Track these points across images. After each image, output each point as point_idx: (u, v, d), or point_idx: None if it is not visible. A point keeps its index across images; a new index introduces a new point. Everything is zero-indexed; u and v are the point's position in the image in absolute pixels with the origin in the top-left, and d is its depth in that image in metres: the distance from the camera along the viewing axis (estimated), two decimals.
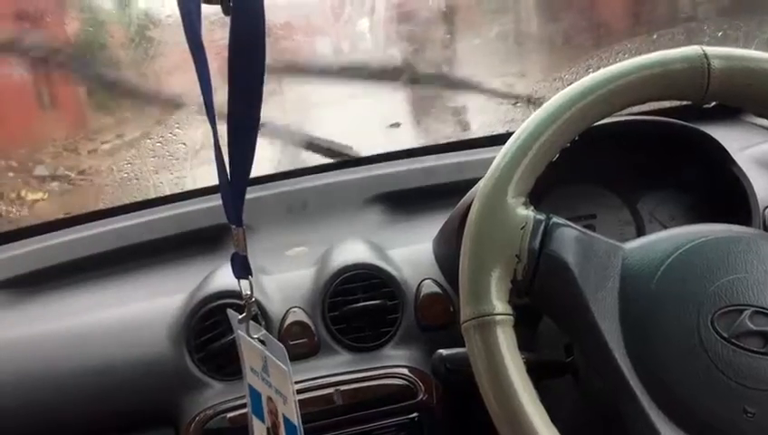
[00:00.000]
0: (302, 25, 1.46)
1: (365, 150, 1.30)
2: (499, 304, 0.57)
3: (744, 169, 0.88)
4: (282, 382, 0.69)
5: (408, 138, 1.47)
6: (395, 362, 0.90)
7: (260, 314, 0.74)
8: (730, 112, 1.25)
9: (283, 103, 1.39)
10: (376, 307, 0.92)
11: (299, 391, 0.85)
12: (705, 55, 0.60)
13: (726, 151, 0.88)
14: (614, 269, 0.60)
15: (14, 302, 1.08)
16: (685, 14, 1.62)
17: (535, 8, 1.68)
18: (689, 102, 0.63)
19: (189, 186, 1.29)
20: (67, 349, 0.94)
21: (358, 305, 0.92)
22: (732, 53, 0.61)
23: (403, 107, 1.54)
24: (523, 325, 0.60)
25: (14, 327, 1.00)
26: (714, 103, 0.63)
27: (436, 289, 0.94)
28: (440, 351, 0.74)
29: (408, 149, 1.29)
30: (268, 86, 0.61)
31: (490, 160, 0.62)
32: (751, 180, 0.87)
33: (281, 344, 0.69)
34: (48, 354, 0.94)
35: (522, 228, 0.59)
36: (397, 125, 1.46)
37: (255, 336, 0.72)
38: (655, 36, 1.41)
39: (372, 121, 1.48)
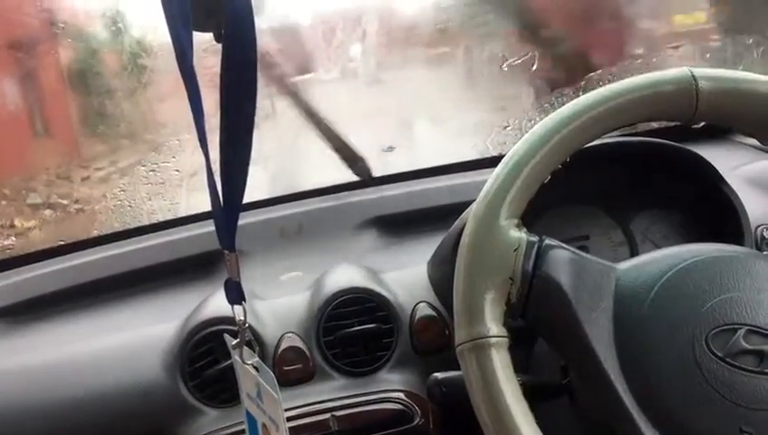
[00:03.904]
0: (293, 51, 1.47)
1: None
2: (494, 327, 0.57)
3: (735, 188, 0.88)
4: (273, 410, 0.69)
5: (402, 161, 1.48)
6: (391, 387, 0.90)
7: (254, 340, 0.73)
8: (720, 132, 1.26)
9: (276, 127, 1.40)
10: (371, 331, 0.91)
11: (294, 417, 0.85)
12: (694, 77, 0.61)
13: (717, 171, 0.89)
14: (608, 290, 0.60)
15: (6, 331, 1.07)
16: (673, 37, 1.64)
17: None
18: (679, 123, 0.64)
19: (183, 212, 1.28)
20: (59, 378, 0.93)
21: (352, 330, 0.91)
22: (719, 74, 0.62)
23: (397, 130, 1.54)
24: (518, 347, 0.60)
25: (6, 357, 0.99)
26: (703, 124, 0.64)
27: (431, 312, 0.93)
28: (436, 374, 0.74)
29: (402, 173, 1.29)
30: (261, 111, 0.61)
31: (482, 183, 0.62)
32: (742, 200, 0.87)
33: (270, 372, 0.69)
34: (40, 384, 0.93)
35: (515, 250, 0.59)
36: (391, 149, 1.46)
37: (249, 362, 0.71)
38: (644, 59, 1.42)
39: (366, 145, 1.48)
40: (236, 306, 0.70)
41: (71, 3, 1.36)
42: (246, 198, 0.64)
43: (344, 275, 0.98)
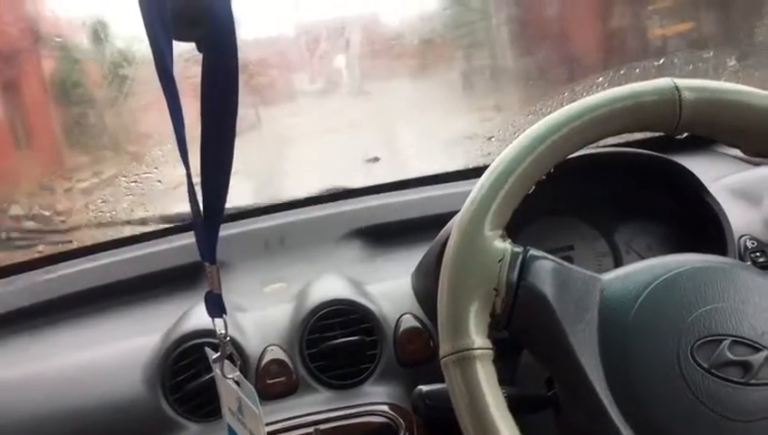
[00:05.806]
0: (276, 61, 1.47)
1: (343, 185, 1.30)
2: (478, 339, 0.57)
3: (718, 198, 0.89)
4: (255, 425, 0.68)
5: (386, 172, 1.47)
6: (375, 399, 0.89)
7: (236, 354, 0.72)
8: (703, 143, 1.26)
9: (260, 138, 1.39)
10: (355, 343, 0.91)
11: (278, 431, 0.84)
12: (677, 87, 0.61)
13: (700, 182, 0.89)
14: (592, 301, 0.59)
15: None
16: (656, 48, 1.65)
17: (510, 43, 1.70)
18: (662, 134, 0.64)
19: (165, 224, 1.27)
20: (39, 392, 0.92)
21: (336, 342, 0.91)
22: (703, 84, 0.62)
23: (382, 141, 1.54)
24: (503, 359, 0.59)
25: None
26: (686, 134, 0.64)
27: (416, 324, 0.93)
28: (420, 387, 0.73)
29: (386, 184, 1.29)
30: (244, 121, 0.61)
31: (467, 194, 0.62)
32: (725, 210, 0.88)
33: (251, 387, 0.68)
34: (20, 398, 0.92)
35: (499, 261, 0.58)
36: (375, 159, 1.46)
37: (230, 377, 0.70)
38: (627, 70, 1.43)
39: (350, 156, 1.48)
40: (217, 319, 0.70)
41: (52, 12, 1.35)
42: (230, 209, 0.64)
43: (328, 287, 0.97)
